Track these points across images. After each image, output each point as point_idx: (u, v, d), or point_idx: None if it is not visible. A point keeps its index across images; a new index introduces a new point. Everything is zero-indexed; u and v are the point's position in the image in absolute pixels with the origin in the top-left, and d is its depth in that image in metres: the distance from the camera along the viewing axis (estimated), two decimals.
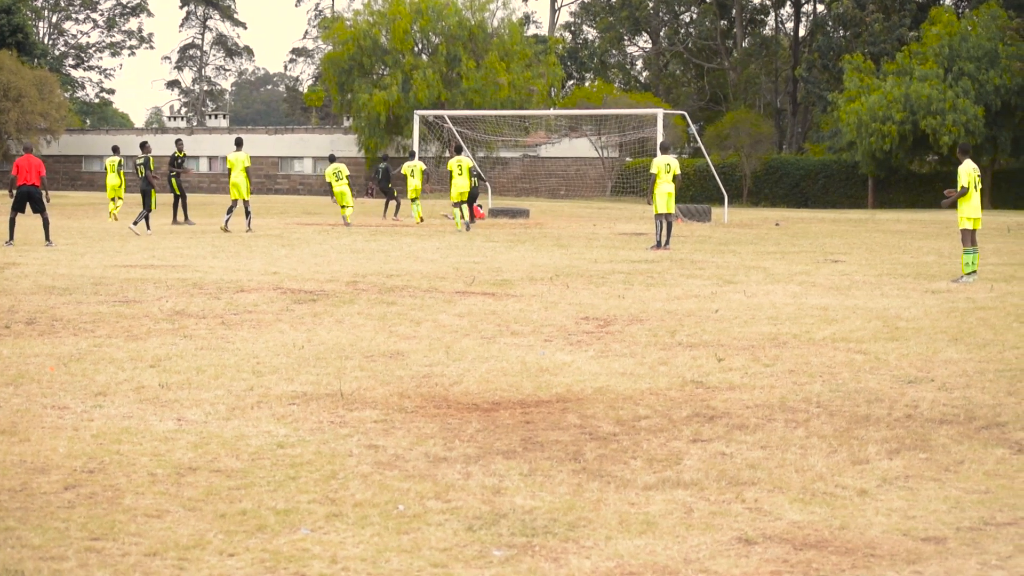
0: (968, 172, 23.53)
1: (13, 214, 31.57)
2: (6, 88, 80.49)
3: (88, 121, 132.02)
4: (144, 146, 38.63)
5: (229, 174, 38.49)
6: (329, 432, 10.14)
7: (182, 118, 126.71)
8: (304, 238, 34.72)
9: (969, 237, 23.55)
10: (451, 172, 40.58)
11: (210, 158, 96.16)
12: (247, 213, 37.93)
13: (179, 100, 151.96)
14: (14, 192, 31.63)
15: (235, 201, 38.43)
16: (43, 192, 31.38)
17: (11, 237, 31.15)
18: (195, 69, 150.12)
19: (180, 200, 42.70)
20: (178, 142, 43.81)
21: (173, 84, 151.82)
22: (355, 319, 17.09)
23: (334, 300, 19.05)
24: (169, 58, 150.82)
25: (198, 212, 49.33)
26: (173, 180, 42.41)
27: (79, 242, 32.11)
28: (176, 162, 42.71)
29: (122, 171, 44.39)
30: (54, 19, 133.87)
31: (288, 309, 17.99)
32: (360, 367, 13.25)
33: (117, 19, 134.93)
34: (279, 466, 8.99)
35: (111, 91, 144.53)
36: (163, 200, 48.16)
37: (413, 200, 45.51)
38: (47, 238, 30.78)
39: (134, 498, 8.08)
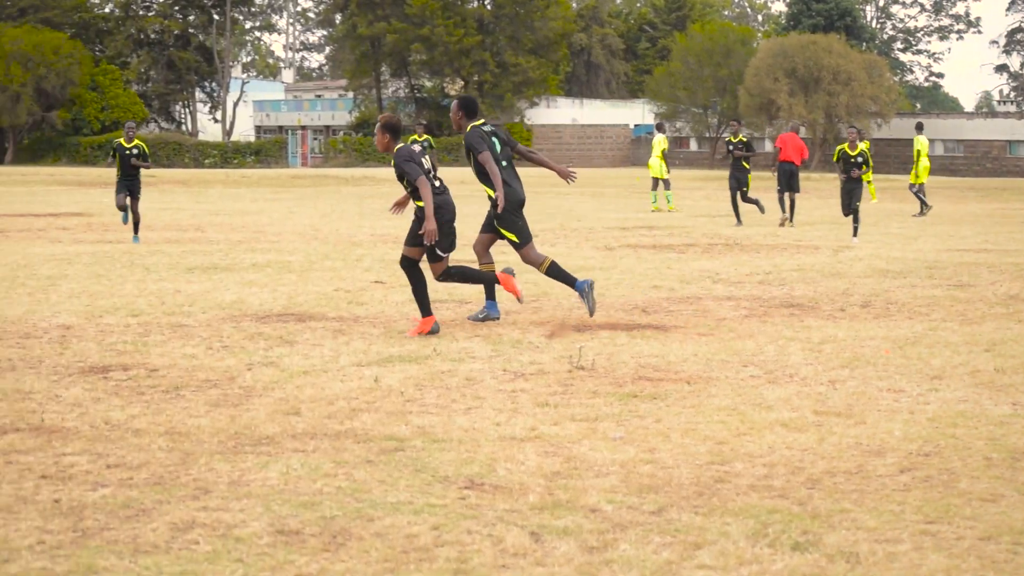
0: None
1: (788, 193, 32.18)
2: (835, 72, 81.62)
3: (918, 105, 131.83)
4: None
5: (917, 157, 37.33)
6: None
7: (1011, 102, 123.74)
8: None
9: None
10: None
11: None
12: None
13: (1008, 84, 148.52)
14: (775, 167, 32.40)
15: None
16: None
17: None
18: None
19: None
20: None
21: (1001, 68, 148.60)
22: None
23: None
24: (996, 42, 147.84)
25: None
26: None
27: (912, 225, 32.19)
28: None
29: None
30: (881, 3, 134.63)
31: None
32: None
33: (944, 3, 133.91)
34: None
35: (940, 75, 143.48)
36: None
37: None
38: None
39: (969, 482, 7.96)
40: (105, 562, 6.35)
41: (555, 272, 14.47)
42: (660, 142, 39.35)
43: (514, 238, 14.43)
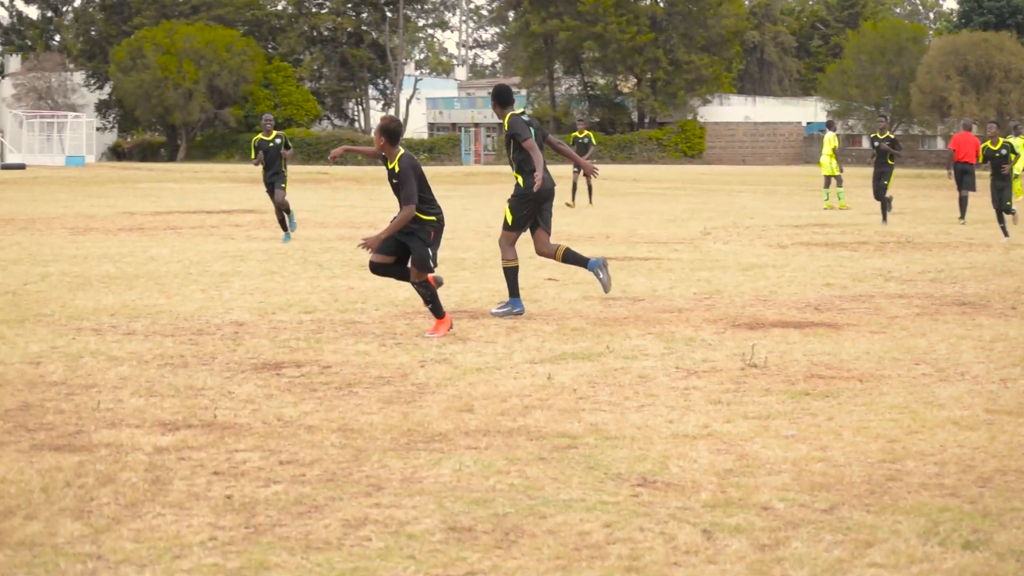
0: None
1: (962, 192, 31.71)
2: (1007, 70, 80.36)
3: None
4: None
5: None
6: None
7: None
8: None
9: None
10: None
11: None
12: None
13: None
14: (951, 168, 31.94)
15: None
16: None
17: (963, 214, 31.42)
18: None
19: None
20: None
21: None
22: None
23: None
24: None
25: None
26: None
27: None
28: None
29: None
30: None
31: None
32: None
33: None
34: None
35: None
36: None
37: None
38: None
39: None
40: (277, 558, 6.46)
41: (510, 276, 14.95)
42: (831, 140, 39.09)
43: (508, 219, 15.06)
